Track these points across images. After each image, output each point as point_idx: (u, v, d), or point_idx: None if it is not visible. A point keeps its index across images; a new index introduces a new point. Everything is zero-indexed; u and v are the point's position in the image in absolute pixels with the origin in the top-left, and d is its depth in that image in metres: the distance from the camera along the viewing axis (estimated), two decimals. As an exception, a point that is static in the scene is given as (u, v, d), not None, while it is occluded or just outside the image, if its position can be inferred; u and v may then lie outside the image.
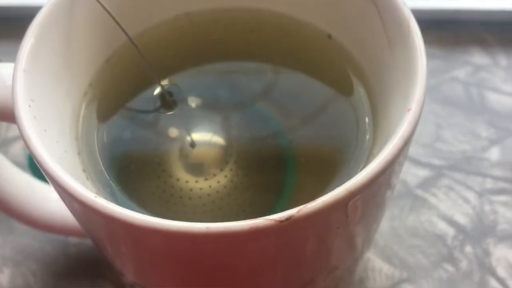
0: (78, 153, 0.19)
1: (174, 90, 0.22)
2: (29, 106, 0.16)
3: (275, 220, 0.13)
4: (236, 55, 0.23)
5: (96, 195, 0.14)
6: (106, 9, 0.20)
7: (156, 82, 0.20)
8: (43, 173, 0.15)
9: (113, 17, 0.20)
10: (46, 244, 0.30)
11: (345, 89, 0.21)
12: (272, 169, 0.21)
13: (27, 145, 0.15)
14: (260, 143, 0.21)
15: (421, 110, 0.15)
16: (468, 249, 0.29)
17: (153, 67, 0.21)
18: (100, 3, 0.19)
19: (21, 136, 0.15)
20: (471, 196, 0.31)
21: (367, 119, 0.19)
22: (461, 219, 0.30)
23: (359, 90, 0.20)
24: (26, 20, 0.18)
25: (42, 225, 0.25)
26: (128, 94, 0.22)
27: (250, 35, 0.23)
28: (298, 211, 0.14)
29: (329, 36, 0.22)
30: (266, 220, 0.13)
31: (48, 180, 0.15)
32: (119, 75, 0.22)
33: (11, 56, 0.17)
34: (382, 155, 0.14)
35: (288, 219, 0.13)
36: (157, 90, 0.22)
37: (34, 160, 0.15)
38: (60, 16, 0.19)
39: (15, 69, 0.17)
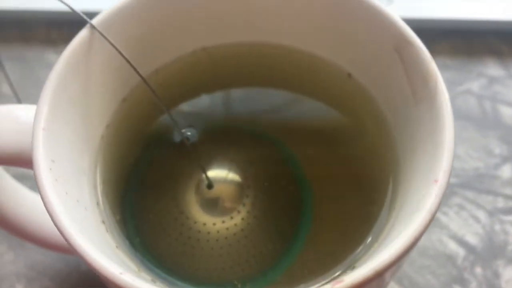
0: (97, 203, 0.19)
1: (191, 131, 0.22)
2: (50, 169, 0.16)
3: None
4: (254, 92, 0.23)
5: (121, 272, 0.14)
6: (120, 52, 0.19)
7: (174, 126, 0.20)
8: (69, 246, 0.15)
9: (127, 60, 0.19)
10: (59, 260, 0.30)
11: (365, 137, 0.21)
12: (289, 213, 0.21)
13: (50, 216, 0.15)
14: (278, 185, 0.21)
15: (448, 182, 0.15)
16: (478, 270, 0.29)
17: (168, 108, 0.21)
18: (114, 46, 0.19)
19: (44, 205, 0.15)
20: (481, 215, 0.31)
21: (390, 178, 0.19)
22: (472, 239, 0.30)
23: (379, 138, 0.20)
24: (32, 23, 0.18)
25: (49, 244, 0.25)
26: (145, 135, 0.21)
27: (269, 71, 0.22)
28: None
29: (349, 75, 0.21)
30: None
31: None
32: (136, 114, 0.21)
33: (16, 63, 0.17)
34: (410, 232, 0.14)
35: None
36: (174, 132, 0.21)
37: (58, 231, 0.15)
38: (77, 65, 0.18)
39: (34, 128, 0.16)
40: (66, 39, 0.36)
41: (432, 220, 0.15)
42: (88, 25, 0.19)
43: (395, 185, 0.18)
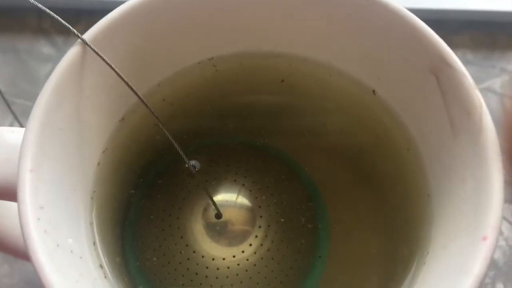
0: (93, 244, 0.17)
1: (195, 158, 0.19)
2: (39, 219, 0.14)
3: None
4: (267, 106, 0.20)
5: None
6: (114, 69, 0.17)
7: (178, 151, 0.17)
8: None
9: (122, 78, 0.17)
10: (54, 274, 0.28)
11: (392, 163, 0.18)
12: (304, 248, 0.19)
13: (40, 279, 0.13)
14: (294, 217, 0.19)
15: (497, 240, 0.13)
16: (500, 286, 0.27)
17: (171, 126, 0.19)
18: (107, 63, 0.17)
19: (32, 264, 0.13)
20: (504, 227, 0.29)
21: (420, 220, 0.17)
22: (494, 253, 0.28)
23: (407, 166, 0.18)
24: (23, 12, 0.16)
25: None
26: (146, 159, 0.19)
27: (282, 85, 0.20)
28: None
29: (374, 92, 0.19)
30: None
31: None
32: (136, 136, 0.19)
33: (7, 55, 0.14)
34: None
35: None
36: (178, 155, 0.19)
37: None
38: (68, 88, 0.16)
39: (19, 170, 0.14)
40: (59, 29, 0.34)
41: (480, 286, 0.13)
42: (79, 41, 0.16)
43: (427, 228, 0.16)
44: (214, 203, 0.19)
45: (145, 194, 0.19)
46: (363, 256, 0.18)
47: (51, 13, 0.17)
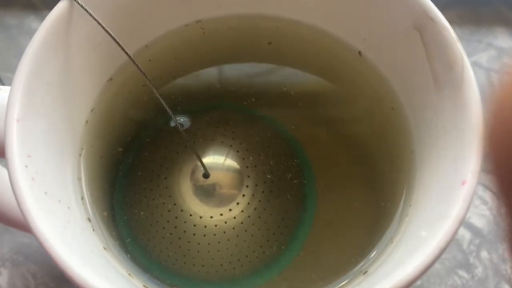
0: (82, 198, 0.17)
1: (183, 117, 0.20)
2: (26, 166, 0.14)
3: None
4: (253, 68, 0.20)
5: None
6: (103, 27, 0.17)
7: (166, 110, 0.18)
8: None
9: (111, 35, 0.17)
10: (44, 244, 0.28)
11: (376, 124, 0.19)
12: (292, 204, 0.19)
13: (28, 223, 0.13)
14: (281, 175, 0.19)
15: (476, 184, 0.14)
16: (484, 254, 0.28)
17: (159, 87, 0.19)
18: (96, 20, 0.17)
19: (21, 211, 0.13)
20: (488, 196, 0.29)
21: (404, 174, 0.17)
22: (478, 222, 0.29)
23: (392, 127, 0.18)
24: None
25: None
26: (135, 119, 0.19)
27: (268, 47, 0.20)
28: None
29: (360, 54, 0.19)
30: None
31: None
32: (124, 96, 0.19)
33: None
34: (435, 242, 0.13)
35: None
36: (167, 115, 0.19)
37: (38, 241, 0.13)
38: (56, 44, 0.16)
39: (7, 119, 0.14)
40: (48, 4, 0.33)
41: (459, 229, 0.13)
42: (67, -3, 0.17)
43: (410, 182, 0.17)
44: (202, 163, 0.19)
45: (133, 153, 0.19)
46: (348, 210, 0.18)
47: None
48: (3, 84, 0.26)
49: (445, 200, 0.14)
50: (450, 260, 0.28)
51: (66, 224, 0.14)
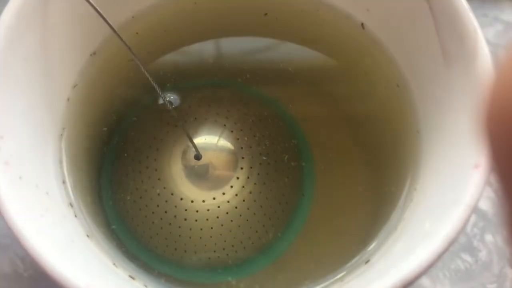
0: (63, 182, 0.16)
1: (173, 95, 0.18)
2: (-1, 149, 0.13)
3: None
4: (248, 42, 0.19)
5: (88, 284, 0.11)
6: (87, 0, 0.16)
7: (154, 87, 0.16)
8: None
9: (94, 7, 0.16)
10: (32, 227, 0.27)
11: (380, 101, 0.17)
12: (289, 188, 0.18)
13: (1, 213, 0.12)
14: (277, 157, 0.18)
15: (490, 169, 0.12)
16: (489, 237, 0.27)
17: (146, 62, 0.18)
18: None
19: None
20: (493, 177, 0.28)
21: (410, 155, 0.16)
22: (482, 204, 0.28)
23: (397, 105, 0.17)
24: None
25: None
26: (120, 96, 0.18)
27: (264, 18, 0.19)
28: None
29: (363, 26, 0.18)
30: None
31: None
32: (109, 71, 0.18)
33: None
34: (446, 231, 0.12)
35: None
36: (155, 92, 0.18)
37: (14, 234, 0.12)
38: (33, 14, 0.15)
39: (-23, 98, 0.13)
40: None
41: (471, 216, 0.12)
42: (44, -37, 0.15)
43: (416, 165, 0.16)
44: (193, 143, 0.18)
45: (119, 134, 0.18)
46: (349, 194, 0.17)
47: None
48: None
49: (455, 185, 0.13)
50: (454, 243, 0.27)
51: (44, 212, 0.13)
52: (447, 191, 0.13)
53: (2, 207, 0.12)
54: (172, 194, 0.18)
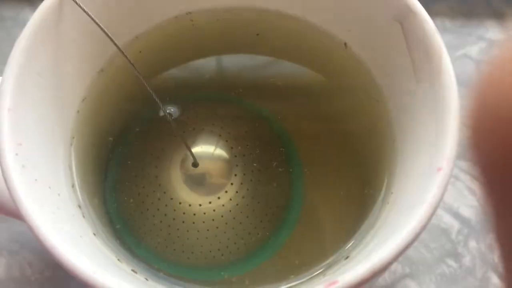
0: (72, 186, 0.17)
1: (174, 107, 0.20)
2: (16, 154, 0.14)
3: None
4: (241, 60, 0.21)
5: (95, 271, 0.13)
6: (92, 18, 0.17)
7: (155, 100, 0.18)
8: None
9: (101, 27, 0.17)
10: (40, 233, 0.29)
11: (360, 113, 0.19)
12: (279, 194, 0.20)
13: (18, 209, 0.14)
14: (268, 164, 0.20)
15: (452, 170, 0.14)
16: (472, 243, 0.28)
17: (148, 78, 0.19)
18: (85, 11, 0.17)
19: (11, 196, 0.14)
20: (477, 187, 0.30)
21: (386, 162, 0.18)
22: (466, 212, 0.29)
23: (375, 116, 0.19)
24: None
25: None
26: (125, 109, 0.20)
27: (256, 38, 0.21)
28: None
29: (345, 45, 0.20)
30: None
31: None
32: (115, 86, 0.20)
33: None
34: (409, 228, 0.13)
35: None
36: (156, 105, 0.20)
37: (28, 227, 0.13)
38: (46, 34, 0.17)
39: (-2, 108, 0.15)
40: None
41: (433, 214, 0.14)
42: (57, -11, 0.17)
43: (392, 170, 0.17)
44: (191, 152, 0.20)
45: (124, 143, 0.20)
46: (334, 197, 0.19)
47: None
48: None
49: (421, 187, 0.14)
50: (439, 249, 0.28)
51: (56, 210, 0.15)
52: (415, 192, 0.14)
53: (21, 204, 0.14)
54: (171, 198, 0.19)
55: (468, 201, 0.29)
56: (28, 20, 0.34)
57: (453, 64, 0.33)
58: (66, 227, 0.15)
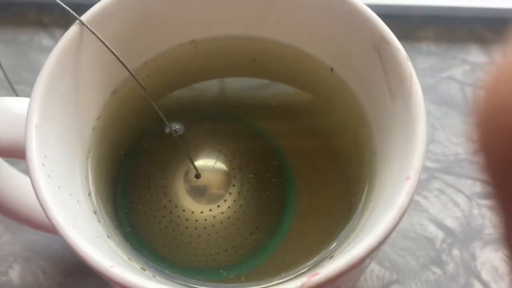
0: (89, 194, 0.20)
1: (179, 124, 0.22)
2: (43, 165, 0.17)
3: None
4: (239, 84, 0.23)
5: (112, 265, 0.15)
6: (109, 48, 0.20)
7: (162, 118, 0.21)
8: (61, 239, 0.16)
9: (115, 55, 0.20)
10: (54, 241, 0.31)
11: (346, 131, 0.22)
12: (273, 203, 0.22)
13: (44, 211, 0.16)
14: (263, 176, 0.22)
15: (419, 179, 0.16)
16: (456, 252, 0.30)
17: (156, 98, 0.22)
18: (103, 42, 0.20)
19: (38, 201, 0.16)
20: (461, 199, 0.32)
21: (368, 173, 0.20)
22: (450, 223, 0.31)
23: (359, 133, 0.21)
24: (24, 7, 0.18)
25: (43, 226, 0.25)
26: (135, 127, 0.22)
27: (252, 63, 0.23)
28: (302, 285, 0.15)
29: (332, 70, 0.22)
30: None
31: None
32: (126, 106, 0.22)
33: (8, 46, 0.16)
34: (381, 228, 0.15)
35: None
36: (163, 123, 0.22)
37: (52, 226, 0.16)
38: (68, 61, 0.19)
39: (27, 125, 0.17)
40: (57, 22, 0.36)
41: (402, 217, 0.16)
42: (77, 22, 0.19)
43: (371, 180, 0.19)
44: (193, 164, 0.22)
45: (134, 156, 0.22)
46: (322, 205, 0.21)
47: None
48: (17, 95, 0.29)
49: (393, 194, 0.16)
50: (424, 257, 0.30)
51: (76, 214, 0.17)
52: (388, 199, 0.17)
53: (48, 209, 0.16)
54: (176, 206, 0.22)
55: (452, 212, 0.31)
56: (43, 44, 0.37)
57: (439, 86, 0.35)
58: (85, 229, 0.17)
